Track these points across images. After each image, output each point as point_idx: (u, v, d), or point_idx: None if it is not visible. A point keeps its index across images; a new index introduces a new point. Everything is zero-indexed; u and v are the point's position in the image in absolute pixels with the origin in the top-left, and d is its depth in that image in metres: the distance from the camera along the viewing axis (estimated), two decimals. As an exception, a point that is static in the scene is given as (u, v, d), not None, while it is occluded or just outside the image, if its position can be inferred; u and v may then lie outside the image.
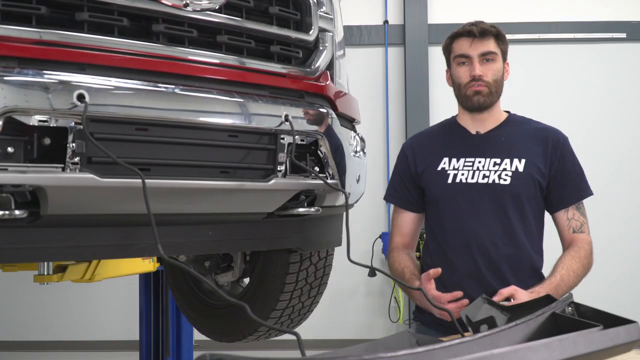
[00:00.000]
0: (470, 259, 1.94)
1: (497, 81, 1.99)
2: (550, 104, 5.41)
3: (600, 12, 5.63)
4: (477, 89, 1.97)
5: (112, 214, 1.33)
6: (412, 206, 2.13)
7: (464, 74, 1.99)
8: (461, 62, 2.00)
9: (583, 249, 1.97)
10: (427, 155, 2.09)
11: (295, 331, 1.08)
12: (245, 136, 1.48)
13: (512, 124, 2.06)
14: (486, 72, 1.97)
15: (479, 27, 1.97)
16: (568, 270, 1.91)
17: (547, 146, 1.99)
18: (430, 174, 2.05)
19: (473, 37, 1.97)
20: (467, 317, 1.42)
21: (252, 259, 2.21)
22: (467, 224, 1.96)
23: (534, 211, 1.98)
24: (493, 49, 1.98)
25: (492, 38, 1.98)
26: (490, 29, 1.98)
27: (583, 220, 2.01)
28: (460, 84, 2.01)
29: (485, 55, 1.97)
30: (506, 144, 2.00)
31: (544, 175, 1.97)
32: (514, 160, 1.97)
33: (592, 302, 1.17)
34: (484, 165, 1.98)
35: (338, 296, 5.41)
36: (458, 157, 2.02)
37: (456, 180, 1.99)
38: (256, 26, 1.53)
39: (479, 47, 1.97)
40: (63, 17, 1.23)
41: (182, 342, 3.55)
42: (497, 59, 1.99)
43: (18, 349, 5.54)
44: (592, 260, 2.00)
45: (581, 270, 1.94)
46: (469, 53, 1.97)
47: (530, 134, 2.02)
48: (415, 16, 5.62)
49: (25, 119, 1.12)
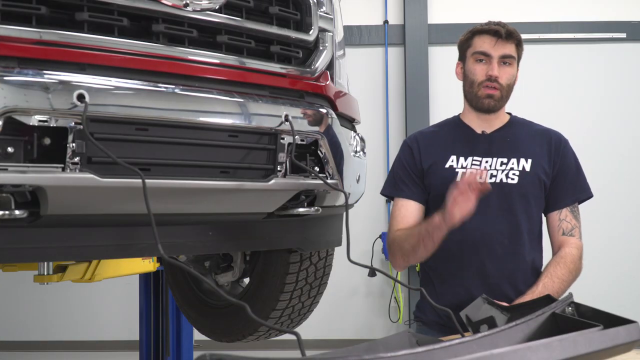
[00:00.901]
0: (477, 257, 1.94)
1: (509, 86, 1.99)
2: (550, 104, 5.40)
3: (600, 12, 5.63)
4: (490, 92, 1.96)
5: (112, 214, 1.33)
6: (418, 197, 2.07)
7: (480, 71, 1.97)
8: (479, 59, 1.98)
9: (569, 254, 1.94)
10: (432, 153, 2.06)
11: (295, 331, 1.08)
12: (245, 136, 1.48)
13: (515, 125, 2.07)
14: (502, 75, 1.96)
15: (506, 28, 1.95)
16: (552, 278, 1.89)
17: (550, 147, 2.00)
18: (437, 172, 2.03)
19: (498, 37, 1.95)
20: (467, 317, 1.42)
21: (252, 259, 2.21)
22: (475, 222, 1.95)
23: (538, 211, 1.99)
24: (513, 53, 1.97)
25: (513, 42, 1.97)
26: (515, 33, 1.97)
27: (575, 223, 1.99)
28: (474, 81, 1.99)
29: (506, 58, 1.96)
30: (512, 144, 2.00)
31: (548, 176, 1.98)
32: (520, 160, 1.97)
33: (592, 302, 1.17)
34: (491, 165, 1.98)
35: (338, 296, 5.40)
36: (466, 156, 2.01)
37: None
38: (256, 26, 1.53)
39: (501, 49, 1.95)
40: (63, 17, 1.23)
41: (182, 342, 3.55)
42: (514, 64, 1.98)
43: (18, 349, 5.54)
44: (581, 265, 1.96)
45: (567, 275, 1.91)
46: (491, 52, 1.95)
47: (534, 135, 2.03)
48: (415, 16, 5.62)
49: (25, 119, 1.12)
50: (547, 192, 1.99)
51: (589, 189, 2.03)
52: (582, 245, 1.99)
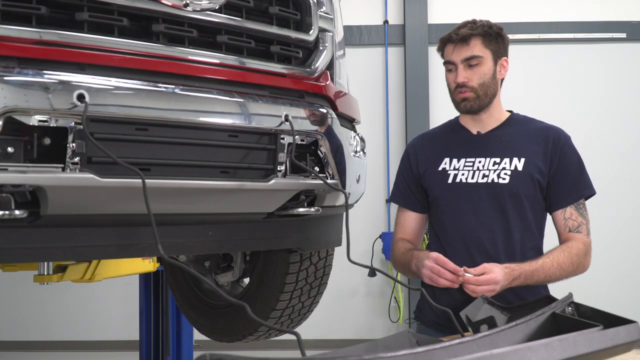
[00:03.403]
0: (469, 258, 1.94)
1: (484, 84, 1.96)
2: (550, 104, 5.40)
3: (600, 12, 5.63)
4: (463, 96, 1.97)
5: (112, 214, 1.33)
6: (415, 206, 2.13)
7: (451, 80, 2.01)
8: (449, 68, 2.01)
9: (575, 247, 1.93)
10: (428, 156, 2.09)
11: (295, 331, 1.08)
12: (245, 136, 1.48)
13: (513, 123, 2.06)
14: (471, 77, 1.95)
15: (458, 33, 1.95)
16: (552, 261, 1.89)
17: (548, 145, 1.98)
18: (431, 175, 2.06)
19: (453, 42, 1.96)
20: (467, 317, 1.42)
21: (252, 259, 2.21)
22: (466, 223, 1.97)
23: (533, 210, 1.97)
24: (477, 52, 1.95)
25: (478, 39, 1.95)
26: (472, 31, 1.94)
27: (581, 220, 1.98)
28: (450, 90, 2.03)
29: (469, 60, 1.95)
30: (506, 144, 2.00)
31: (544, 174, 1.96)
32: (513, 159, 1.97)
33: (592, 302, 1.17)
34: (484, 165, 1.98)
35: (338, 296, 5.41)
36: (459, 158, 2.03)
37: (456, 180, 1.99)
38: (256, 26, 1.53)
39: (461, 53, 1.95)
40: (63, 17, 1.23)
41: (182, 342, 3.55)
42: (482, 62, 1.95)
43: (18, 349, 5.54)
44: (587, 261, 1.95)
45: (568, 265, 1.90)
46: (453, 59, 1.97)
47: (531, 134, 2.02)
48: (415, 16, 5.62)
49: (25, 119, 1.12)
50: (544, 191, 1.98)
51: (591, 186, 2.01)
52: (589, 242, 1.97)
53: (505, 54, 2.03)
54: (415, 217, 2.14)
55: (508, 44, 2.04)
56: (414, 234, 2.15)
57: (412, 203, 2.13)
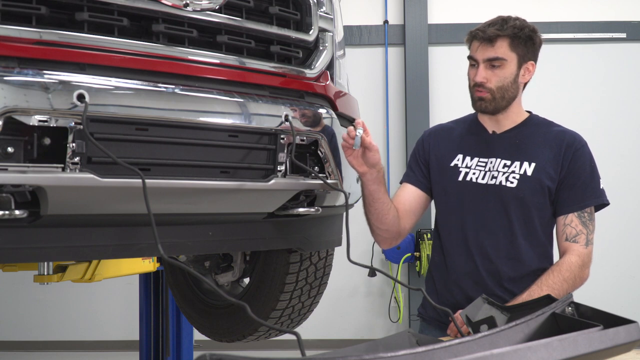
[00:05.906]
0: (470, 259, 1.93)
1: (502, 88, 1.90)
2: (550, 104, 5.39)
3: (600, 12, 5.63)
4: (480, 95, 1.92)
5: (112, 214, 1.33)
6: (419, 183, 2.07)
7: (471, 76, 1.95)
8: (472, 63, 1.95)
9: (566, 263, 1.87)
10: (442, 148, 2.05)
11: (295, 331, 1.08)
12: (245, 136, 1.48)
13: (530, 125, 2.00)
14: (490, 78, 1.90)
15: (486, 31, 1.89)
16: (540, 286, 1.84)
17: (561, 150, 1.93)
18: (442, 168, 2.02)
19: (479, 40, 1.90)
20: (467, 317, 1.42)
21: (252, 259, 2.21)
22: (470, 223, 1.94)
23: (540, 216, 1.93)
24: (501, 54, 1.88)
25: (505, 41, 1.89)
26: (499, 31, 1.88)
27: (581, 229, 1.91)
28: (469, 85, 1.97)
29: (491, 61, 1.89)
30: (519, 146, 1.95)
31: (554, 180, 1.91)
32: (524, 163, 1.92)
33: (592, 302, 1.17)
34: (494, 166, 1.95)
35: (338, 296, 5.40)
36: (472, 156, 1.99)
37: (467, 178, 1.96)
38: (256, 26, 1.53)
39: (485, 52, 1.89)
40: (63, 17, 1.23)
41: (182, 342, 3.55)
42: (505, 65, 1.89)
43: (18, 349, 5.54)
44: (584, 273, 1.90)
45: (560, 284, 1.84)
46: (476, 56, 1.92)
47: (547, 138, 1.96)
48: (415, 16, 5.62)
49: (25, 119, 1.12)
50: (552, 196, 1.94)
51: (601, 195, 1.94)
52: (586, 252, 1.90)
53: (533, 58, 1.96)
54: (413, 190, 2.06)
55: (539, 48, 1.97)
56: (405, 204, 2.05)
57: (415, 180, 2.07)
